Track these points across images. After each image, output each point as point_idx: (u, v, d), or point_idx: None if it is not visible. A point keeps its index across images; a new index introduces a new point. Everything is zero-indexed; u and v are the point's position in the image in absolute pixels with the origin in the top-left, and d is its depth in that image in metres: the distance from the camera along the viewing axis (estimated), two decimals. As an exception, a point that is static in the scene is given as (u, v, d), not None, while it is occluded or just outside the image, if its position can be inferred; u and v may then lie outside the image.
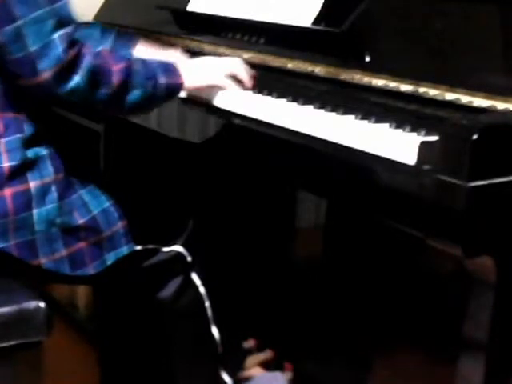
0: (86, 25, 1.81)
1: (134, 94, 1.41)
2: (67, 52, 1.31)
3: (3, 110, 1.38)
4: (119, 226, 1.47)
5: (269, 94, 1.53)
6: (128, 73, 1.40)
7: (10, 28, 1.29)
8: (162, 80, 1.45)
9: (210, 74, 1.54)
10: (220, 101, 1.55)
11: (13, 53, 1.31)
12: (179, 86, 1.48)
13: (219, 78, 1.54)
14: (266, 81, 1.60)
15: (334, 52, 1.52)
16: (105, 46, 1.66)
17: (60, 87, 1.33)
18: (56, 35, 1.31)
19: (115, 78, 1.38)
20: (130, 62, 1.42)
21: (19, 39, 1.29)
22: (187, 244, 1.60)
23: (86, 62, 1.34)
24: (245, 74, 1.56)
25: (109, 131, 2.28)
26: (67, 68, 1.32)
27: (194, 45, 1.88)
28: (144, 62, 1.46)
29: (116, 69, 1.38)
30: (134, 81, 1.41)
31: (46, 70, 1.30)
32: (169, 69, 1.48)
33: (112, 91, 1.38)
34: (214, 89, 1.55)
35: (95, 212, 1.45)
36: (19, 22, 1.29)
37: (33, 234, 1.38)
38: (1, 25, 1.29)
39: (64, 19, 1.32)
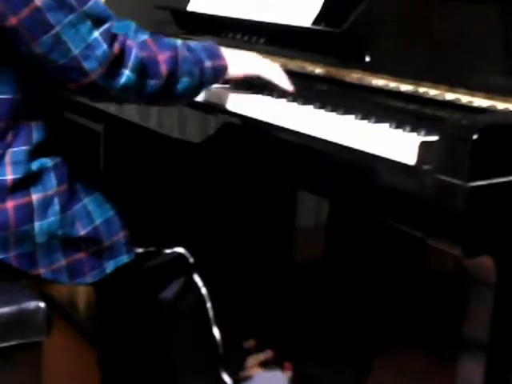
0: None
1: (183, 82, 1.39)
2: (112, 47, 1.29)
3: (15, 118, 1.35)
4: (121, 235, 1.46)
5: (269, 94, 1.53)
6: (175, 61, 1.37)
7: (47, 37, 1.26)
8: (208, 64, 1.42)
9: (253, 62, 1.51)
10: (220, 101, 1.55)
11: (56, 60, 1.27)
12: (225, 69, 1.45)
13: (262, 67, 1.51)
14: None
15: (334, 52, 1.52)
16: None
17: (112, 85, 1.30)
18: (97, 33, 1.28)
19: (163, 68, 1.35)
20: (176, 49, 1.39)
21: (60, 46, 1.26)
22: (189, 245, 1.60)
23: (134, 54, 1.31)
24: (283, 80, 1.51)
25: (109, 131, 2.27)
26: (115, 63, 1.30)
27: (194, 45, 1.88)
28: (188, 46, 1.43)
29: (162, 58, 1.35)
30: (182, 69, 1.38)
31: (94, 70, 1.28)
32: (213, 51, 1.45)
33: (162, 81, 1.35)
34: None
35: (98, 222, 1.43)
36: (56, 29, 1.26)
37: (33, 246, 1.37)
38: (38, 35, 1.26)
39: (100, 16, 1.29)
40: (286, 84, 1.51)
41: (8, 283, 1.38)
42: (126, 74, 1.31)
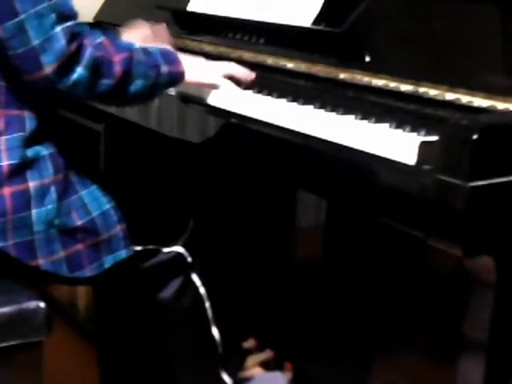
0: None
1: (137, 84, 1.41)
2: (69, 45, 1.32)
3: (6, 106, 1.38)
4: (118, 229, 1.47)
5: (269, 94, 1.53)
6: (130, 63, 1.40)
7: (11, 23, 1.29)
8: (164, 68, 1.45)
9: (210, 72, 1.55)
10: (220, 101, 1.55)
11: (15, 48, 1.30)
12: (181, 74, 1.48)
13: (218, 77, 1.55)
14: (266, 81, 1.60)
15: (333, 52, 1.52)
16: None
17: (63, 80, 1.33)
18: (58, 29, 1.31)
19: (117, 69, 1.38)
20: (131, 51, 1.41)
21: (21, 34, 1.29)
22: (187, 244, 1.60)
23: (88, 53, 1.34)
24: (242, 72, 1.58)
25: (109, 131, 2.27)
26: (70, 60, 1.32)
27: (193, 45, 1.88)
28: (145, 50, 1.45)
29: (117, 59, 1.38)
30: (136, 71, 1.41)
31: (49, 64, 1.30)
32: (170, 56, 1.48)
33: (114, 81, 1.38)
34: (211, 89, 1.56)
35: (94, 214, 1.44)
36: (21, 17, 1.29)
37: (31, 235, 1.38)
38: (2, 20, 1.29)
39: (65, 13, 1.32)
40: (247, 77, 1.57)
41: (8, 283, 1.39)
42: (78, 71, 1.33)
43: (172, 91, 1.64)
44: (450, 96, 1.30)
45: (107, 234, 1.45)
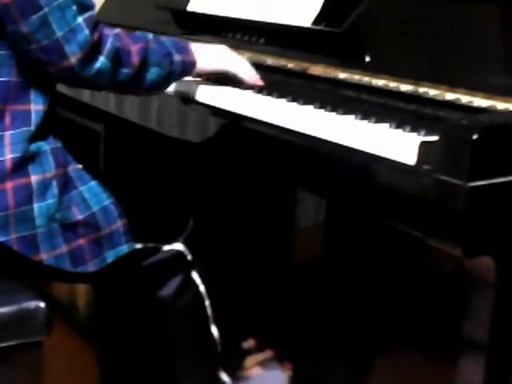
0: None
1: (153, 73, 1.46)
2: (92, 34, 1.35)
3: (14, 102, 1.38)
4: (119, 224, 1.47)
5: (269, 94, 1.53)
6: (146, 52, 1.44)
7: (35, 17, 1.31)
8: (177, 57, 1.49)
9: (221, 58, 1.59)
10: (220, 101, 1.55)
11: (40, 41, 1.33)
12: (193, 64, 1.53)
13: (229, 63, 1.59)
14: (266, 81, 1.60)
15: (333, 52, 1.52)
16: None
17: (86, 70, 1.36)
18: (80, 19, 1.34)
19: (134, 58, 1.42)
20: (147, 41, 1.46)
21: (45, 27, 1.32)
22: (188, 243, 1.60)
23: (109, 43, 1.38)
24: (249, 76, 1.59)
25: (109, 131, 2.28)
26: (93, 50, 1.36)
27: (194, 45, 1.88)
28: (159, 40, 1.50)
29: (134, 49, 1.43)
30: (152, 60, 1.45)
31: (74, 53, 1.34)
32: (182, 46, 1.52)
33: (133, 71, 1.42)
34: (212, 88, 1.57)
35: (95, 209, 1.44)
36: (45, 10, 1.31)
37: (34, 229, 1.38)
38: (27, 15, 1.31)
39: (85, 4, 1.36)
40: (253, 78, 1.59)
41: (8, 283, 1.39)
42: (101, 60, 1.38)
43: (172, 91, 1.65)
44: (449, 96, 1.30)
45: (108, 228, 1.46)
